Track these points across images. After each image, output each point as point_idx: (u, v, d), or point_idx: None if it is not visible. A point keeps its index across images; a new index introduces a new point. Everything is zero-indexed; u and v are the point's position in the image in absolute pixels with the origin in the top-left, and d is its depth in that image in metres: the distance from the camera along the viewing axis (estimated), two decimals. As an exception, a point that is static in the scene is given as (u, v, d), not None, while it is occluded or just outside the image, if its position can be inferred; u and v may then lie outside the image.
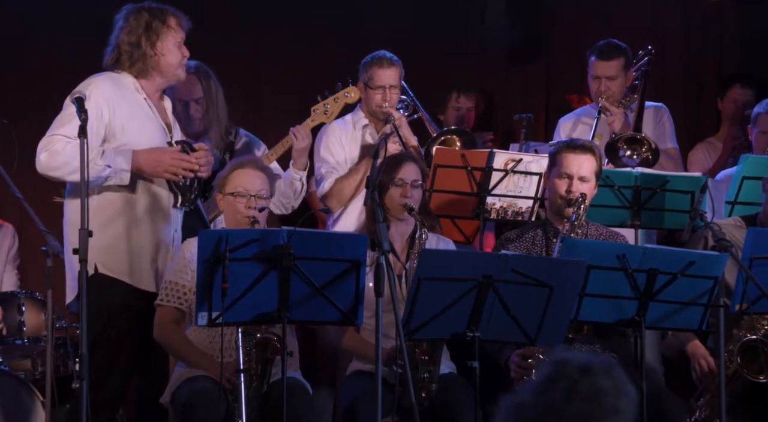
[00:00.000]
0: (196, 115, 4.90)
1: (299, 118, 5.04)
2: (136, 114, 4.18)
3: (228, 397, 3.92)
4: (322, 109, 4.94)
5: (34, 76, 5.86)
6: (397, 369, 3.74)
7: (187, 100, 4.87)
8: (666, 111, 5.47)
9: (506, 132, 6.27)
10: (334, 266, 3.74)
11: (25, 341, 5.02)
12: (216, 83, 4.91)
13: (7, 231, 5.63)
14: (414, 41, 6.09)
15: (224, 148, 4.97)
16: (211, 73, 4.91)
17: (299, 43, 6.17)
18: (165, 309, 4.15)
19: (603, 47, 5.33)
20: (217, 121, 4.91)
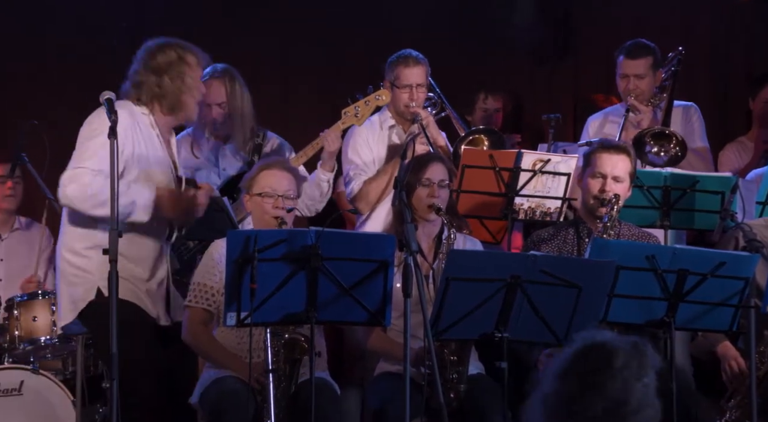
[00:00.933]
0: (218, 118, 4.93)
1: (327, 120, 5.04)
2: (149, 149, 4.14)
3: (256, 398, 3.93)
4: (353, 111, 4.95)
5: (65, 78, 5.91)
6: (426, 370, 3.74)
7: (209, 104, 4.89)
8: (696, 110, 5.44)
9: (534, 132, 6.25)
10: (362, 266, 3.74)
11: (56, 341, 5.06)
12: (242, 86, 4.92)
13: (42, 229, 5.68)
14: (442, 42, 6.09)
15: (251, 150, 4.98)
16: (236, 75, 4.93)
17: (327, 45, 6.18)
18: (193, 310, 4.17)
19: (632, 46, 5.32)
20: (240, 124, 4.92)
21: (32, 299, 5.10)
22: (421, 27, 6.17)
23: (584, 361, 2.09)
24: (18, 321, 5.02)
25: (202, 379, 4.17)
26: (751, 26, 6.40)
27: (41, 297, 5.10)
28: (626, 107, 5.27)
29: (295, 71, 6.19)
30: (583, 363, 2.09)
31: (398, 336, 4.11)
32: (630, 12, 6.33)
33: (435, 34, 6.15)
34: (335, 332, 5.08)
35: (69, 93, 5.81)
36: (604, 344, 2.11)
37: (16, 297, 5.11)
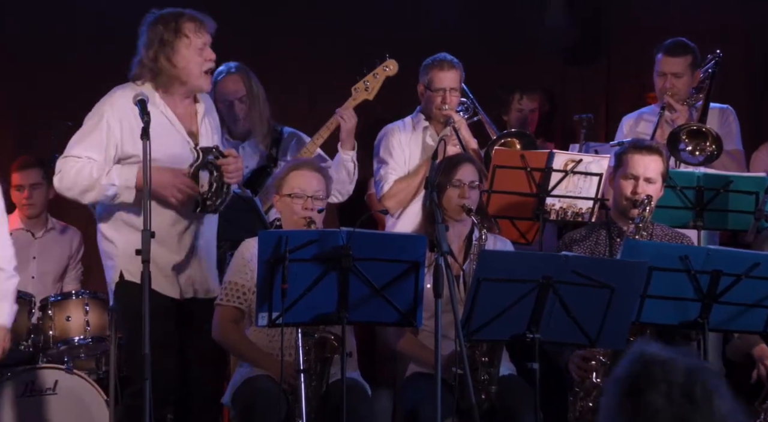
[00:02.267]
0: (240, 113, 4.96)
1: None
2: (154, 128, 3.98)
3: (288, 397, 3.94)
4: (362, 86, 4.95)
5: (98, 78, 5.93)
6: (457, 371, 3.73)
7: (231, 100, 4.93)
8: (732, 113, 5.39)
9: (566, 132, 6.22)
10: (393, 267, 3.74)
11: (89, 341, 5.10)
12: (257, 83, 4.98)
13: (74, 233, 5.73)
14: (473, 41, 6.08)
15: (270, 143, 5.02)
16: (250, 72, 4.98)
17: (356, 45, 6.18)
18: (225, 308, 4.18)
19: (672, 44, 5.28)
20: (260, 118, 4.97)
21: (66, 299, 5.15)
22: (452, 26, 6.16)
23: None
24: (52, 322, 5.06)
25: (233, 379, 4.19)
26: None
27: (75, 297, 5.15)
28: (661, 105, 5.23)
29: (323, 71, 6.19)
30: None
31: (429, 336, 4.11)
32: (662, 11, 6.28)
33: (465, 33, 6.13)
34: (366, 333, 5.08)
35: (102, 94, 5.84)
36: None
37: (50, 297, 5.16)
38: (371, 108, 5.09)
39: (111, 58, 5.92)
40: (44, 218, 5.67)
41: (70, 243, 5.71)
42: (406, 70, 5.15)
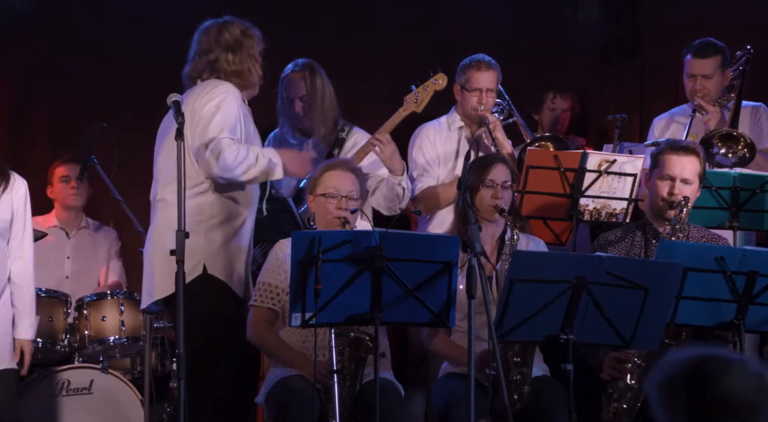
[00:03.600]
0: (299, 112, 4.96)
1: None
2: (249, 122, 4.32)
3: (321, 397, 3.95)
4: (413, 98, 4.91)
5: (133, 80, 5.99)
6: (490, 372, 3.73)
7: (292, 98, 4.94)
8: (765, 110, 5.34)
9: (599, 132, 6.19)
10: (426, 267, 3.74)
11: (125, 341, 5.13)
12: (323, 80, 4.95)
13: (110, 232, 5.78)
14: (507, 40, 6.06)
15: (332, 144, 5.01)
16: (317, 68, 4.96)
17: (394, 46, 6.19)
18: (258, 309, 4.20)
19: (699, 45, 5.24)
20: (321, 118, 4.95)
21: (101, 299, 5.18)
22: (487, 26, 6.14)
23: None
24: (88, 321, 5.10)
25: (267, 379, 4.21)
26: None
27: (110, 297, 5.18)
28: (693, 107, 5.19)
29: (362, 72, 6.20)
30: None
31: (462, 337, 4.10)
32: (698, 10, 6.23)
33: (501, 31, 6.12)
34: (399, 333, 5.08)
35: (137, 96, 5.89)
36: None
37: (86, 297, 5.20)
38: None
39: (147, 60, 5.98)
40: (79, 217, 5.71)
41: (104, 242, 5.74)
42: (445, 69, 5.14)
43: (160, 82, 4.57)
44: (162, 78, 4.85)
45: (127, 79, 6.00)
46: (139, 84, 5.90)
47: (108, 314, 5.12)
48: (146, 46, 6.01)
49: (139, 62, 6.00)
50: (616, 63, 6.35)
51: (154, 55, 5.96)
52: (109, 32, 6.05)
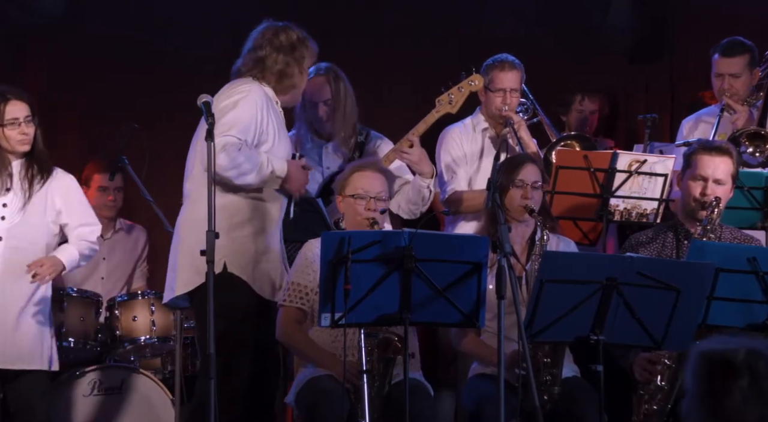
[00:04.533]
0: (323, 115, 4.96)
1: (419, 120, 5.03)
2: (278, 124, 4.30)
3: (351, 397, 3.96)
4: (446, 99, 4.88)
5: (164, 81, 6.03)
6: (520, 372, 3.72)
7: (316, 102, 4.94)
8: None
9: (629, 132, 6.16)
10: (456, 268, 3.74)
11: (155, 340, 5.16)
12: (346, 84, 4.95)
13: (140, 232, 5.82)
14: (535, 40, 6.04)
15: (353, 148, 5.01)
16: (341, 74, 4.96)
17: (421, 45, 6.18)
18: (288, 309, 4.21)
19: (727, 44, 5.20)
20: (343, 122, 4.95)
21: (132, 299, 5.22)
22: (516, 26, 6.13)
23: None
24: (119, 321, 5.13)
25: (297, 379, 4.22)
26: None
27: (141, 297, 5.22)
28: (721, 107, 5.16)
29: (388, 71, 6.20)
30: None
31: (492, 338, 4.09)
32: (728, 9, 6.19)
33: (529, 31, 6.11)
34: (429, 334, 5.08)
35: (167, 97, 5.93)
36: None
37: (117, 297, 5.23)
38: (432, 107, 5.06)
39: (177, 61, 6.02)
40: (113, 221, 5.75)
41: (137, 242, 5.79)
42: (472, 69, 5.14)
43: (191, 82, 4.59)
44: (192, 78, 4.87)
45: (157, 80, 6.04)
46: (169, 84, 5.93)
47: (139, 314, 5.15)
48: (176, 47, 6.04)
49: (168, 63, 6.03)
50: (646, 64, 6.31)
51: (184, 56, 5.99)
52: (139, 33, 6.08)
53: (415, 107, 5.99)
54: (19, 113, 4.19)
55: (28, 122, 4.21)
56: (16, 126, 4.19)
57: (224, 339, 4.01)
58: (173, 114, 5.27)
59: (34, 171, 4.30)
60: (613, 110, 6.24)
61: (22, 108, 4.20)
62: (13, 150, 4.25)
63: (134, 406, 5.01)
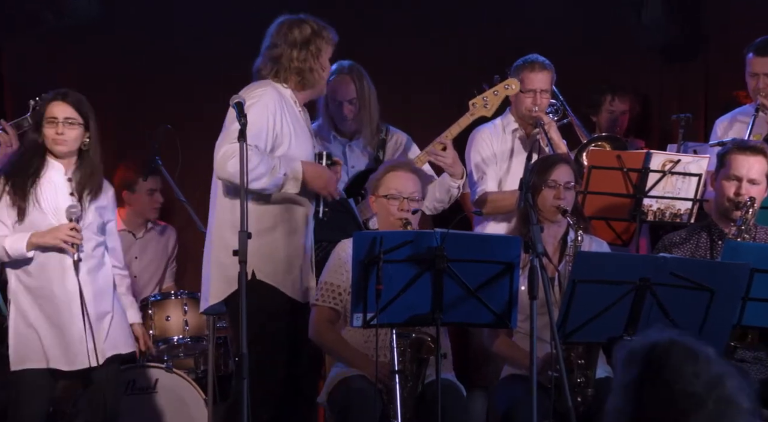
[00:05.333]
0: (349, 114, 4.96)
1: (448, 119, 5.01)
2: (295, 125, 4.26)
3: (383, 397, 3.96)
4: (481, 102, 4.86)
5: (196, 82, 6.06)
6: (553, 374, 3.70)
7: (341, 100, 4.94)
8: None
9: (663, 132, 6.12)
10: (488, 268, 3.73)
11: (188, 340, 5.19)
12: (369, 83, 4.95)
13: (171, 232, 5.85)
14: (567, 39, 6.02)
15: (377, 146, 5.02)
16: (364, 73, 4.96)
17: (450, 44, 6.17)
18: (320, 309, 4.22)
19: (762, 43, 5.15)
20: (369, 121, 4.96)
21: (165, 299, 5.25)
22: (547, 26, 6.11)
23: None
24: (152, 321, 5.16)
25: (329, 379, 4.22)
26: None
27: (174, 297, 5.25)
28: (756, 106, 5.11)
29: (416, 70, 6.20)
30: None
31: (524, 338, 4.08)
32: (763, 7, 6.12)
33: (561, 30, 6.08)
34: (461, 334, 5.07)
35: (200, 98, 5.95)
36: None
37: (150, 297, 5.27)
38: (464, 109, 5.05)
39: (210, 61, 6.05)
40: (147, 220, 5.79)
41: (168, 241, 5.82)
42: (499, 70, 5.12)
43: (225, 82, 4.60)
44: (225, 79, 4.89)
45: (191, 81, 6.07)
46: (203, 85, 5.96)
47: (172, 314, 5.18)
48: (208, 47, 6.07)
49: (202, 63, 6.06)
50: (679, 63, 6.27)
51: (216, 56, 6.02)
52: (172, 34, 6.11)
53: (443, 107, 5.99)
54: (59, 113, 4.20)
55: (68, 124, 4.21)
56: (54, 125, 4.20)
57: (257, 342, 4.03)
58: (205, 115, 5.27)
59: (89, 171, 4.28)
60: (645, 110, 6.20)
61: (64, 109, 4.21)
62: (50, 148, 4.24)
63: (168, 406, 5.03)
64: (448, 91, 6.04)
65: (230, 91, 3.96)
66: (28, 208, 4.17)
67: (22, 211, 4.17)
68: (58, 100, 4.22)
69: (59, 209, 4.18)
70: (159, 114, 5.92)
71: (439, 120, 5.15)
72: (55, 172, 4.23)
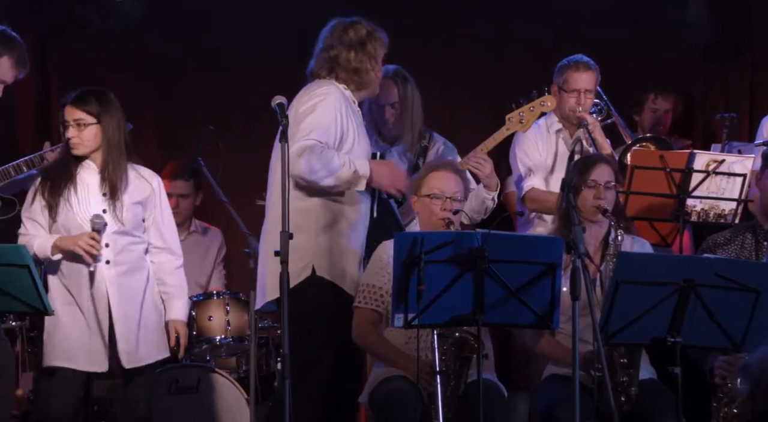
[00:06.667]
0: (390, 118, 4.97)
1: (490, 125, 5.01)
2: (356, 125, 4.33)
3: (424, 397, 3.96)
4: (517, 117, 4.85)
5: (239, 83, 6.09)
6: (595, 373, 3.68)
7: (383, 104, 4.95)
8: None
9: (707, 132, 6.06)
10: (529, 269, 3.72)
11: (230, 340, 5.21)
12: (413, 88, 4.95)
13: (216, 235, 5.89)
14: (610, 38, 5.98)
15: (417, 153, 5.02)
16: (409, 77, 4.96)
17: (491, 45, 6.16)
18: (362, 310, 4.23)
19: None
20: (410, 126, 4.96)
21: (208, 299, 5.27)
22: (590, 25, 6.08)
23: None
24: (195, 321, 5.19)
25: (370, 379, 4.23)
26: None
27: (216, 297, 5.27)
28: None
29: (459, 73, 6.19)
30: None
31: (566, 339, 4.06)
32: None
33: (604, 30, 6.05)
34: (502, 335, 5.06)
35: (242, 99, 5.99)
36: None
37: (193, 297, 5.29)
38: (505, 111, 5.04)
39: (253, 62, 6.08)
40: (188, 221, 5.82)
41: (212, 243, 5.85)
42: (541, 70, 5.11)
43: (266, 84, 4.63)
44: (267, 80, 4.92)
45: (234, 81, 6.10)
46: (246, 86, 5.99)
47: (214, 314, 5.21)
48: (252, 48, 6.10)
49: (244, 64, 6.09)
50: (724, 62, 6.21)
51: (260, 57, 6.05)
52: (216, 35, 6.15)
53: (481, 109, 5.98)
54: (69, 117, 4.21)
55: (79, 126, 4.22)
56: (68, 129, 4.23)
57: (308, 340, 4.05)
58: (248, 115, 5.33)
59: (116, 170, 4.29)
60: (689, 109, 6.15)
61: (73, 112, 4.22)
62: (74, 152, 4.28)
63: (210, 405, 5.06)
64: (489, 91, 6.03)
65: (274, 91, 3.98)
66: (60, 209, 4.20)
67: (54, 211, 4.20)
68: (68, 105, 4.26)
69: (90, 211, 4.21)
70: (201, 114, 5.96)
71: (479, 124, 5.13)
72: (87, 171, 4.26)
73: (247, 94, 5.88)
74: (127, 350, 4.19)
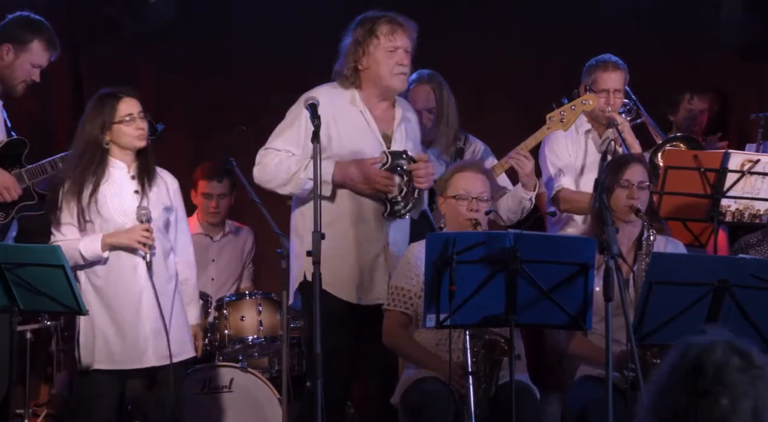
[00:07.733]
0: (427, 123, 4.95)
1: (525, 125, 4.99)
2: (348, 126, 4.28)
3: (456, 399, 3.95)
4: (558, 116, 4.80)
5: (269, 82, 6.11)
6: (629, 374, 3.66)
7: (419, 109, 4.92)
8: None
9: (741, 132, 6.00)
10: (562, 269, 3.70)
11: (262, 340, 5.23)
12: (448, 92, 4.93)
13: (248, 234, 5.91)
14: (645, 37, 5.95)
15: (454, 155, 5.00)
16: (443, 82, 4.94)
17: (525, 45, 6.14)
18: (392, 313, 4.23)
19: None
20: (446, 130, 4.94)
21: (240, 299, 5.29)
22: (624, 25, 6.04)
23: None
24: (227, 321, 5.21)
25: (402, 380, 4.23)
26: None
27: (248, 297, 5.29)
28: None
29: (492, 74, 6.17)
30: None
31: (599, 340, 4.04)
32: None
33: (637, 29, 6.01)
34: (534, 336, 5.04)
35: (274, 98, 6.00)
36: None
37: (225, 297, 5.32)
38: (538, 111, 5.01)
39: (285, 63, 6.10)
40: (221, 221, 5.85)
41: (244, 243, 5.88)
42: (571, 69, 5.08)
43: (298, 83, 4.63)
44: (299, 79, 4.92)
45: (265, 81, 6.12)
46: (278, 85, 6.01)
47: (247, 314, 5.22)
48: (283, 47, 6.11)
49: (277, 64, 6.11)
50: (759, 61, 6.15)
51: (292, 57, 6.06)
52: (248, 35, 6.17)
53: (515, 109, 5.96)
54: (134, 109, 4.26)
55: (142, 118, 4.27)
56: (132, 122, 4.25)
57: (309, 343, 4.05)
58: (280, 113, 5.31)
59: (150, 167, 4.32)
60: (723, 109, 6.09)
61: (135, 104, 4.27)
62: (128, 146, 4.27)
63: (242, 405, 5.07)
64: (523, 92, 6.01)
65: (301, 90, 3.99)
66: (93, 210, 4.19)
67: (85, 213, 4.19)
68: (128, 97, 4.26)
69: (126, 209, 4.21)
70: (232, 113, 5.98)
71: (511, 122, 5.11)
72: (119, 171, 4.25)
73: (277, 91, 5.89)
74: (163, 346, 4.20)
